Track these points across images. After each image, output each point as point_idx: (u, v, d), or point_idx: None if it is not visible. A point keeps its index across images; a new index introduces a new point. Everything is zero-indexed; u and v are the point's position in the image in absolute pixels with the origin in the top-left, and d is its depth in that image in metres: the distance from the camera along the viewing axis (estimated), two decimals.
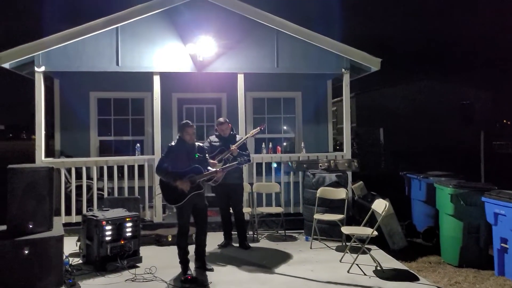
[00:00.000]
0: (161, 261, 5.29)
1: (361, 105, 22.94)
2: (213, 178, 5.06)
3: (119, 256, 5.15)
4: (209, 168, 5.09)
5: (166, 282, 4.72)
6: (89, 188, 7.11)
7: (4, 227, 4.58)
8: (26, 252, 4.32)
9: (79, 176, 7.02)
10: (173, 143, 5.10)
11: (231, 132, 6.11)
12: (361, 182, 7.49)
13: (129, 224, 5.35)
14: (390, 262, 5.46)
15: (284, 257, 5.73)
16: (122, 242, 5.24)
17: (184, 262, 4.96)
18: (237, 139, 6.06)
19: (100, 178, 7.23)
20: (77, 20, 6.83)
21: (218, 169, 5.01)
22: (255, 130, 6.08)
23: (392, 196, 7.49)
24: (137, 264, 5.28)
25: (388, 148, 14.11)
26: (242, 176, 6.32)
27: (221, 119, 6.17)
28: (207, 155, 5.60)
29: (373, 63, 7.36)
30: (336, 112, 15.08)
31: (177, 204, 4.89)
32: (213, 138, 6.14)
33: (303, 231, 6.87)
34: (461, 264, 5.72)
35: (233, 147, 5.88)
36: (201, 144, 5.23)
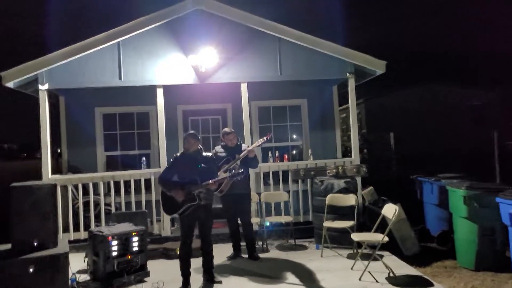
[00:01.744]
0: (169, 275, 5.21)
1: (371, 110, 22.75)
2: (210, 189, 4.96)
3: (126, 271, 5.08)
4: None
5: None
6: (97, 204, 7.08)
7: (9, 246, 4.55)
8: (32, 270, 4.27)
9: (86, 192, 7.00)
10: (177, 154, 5.13)
11: (237, 143, 6.04)
12: (371, 187, 7.36)
13: (135, 239, 5.28)
14: (403, 268, 5.31)
15: (294, 266, 5.61)
16: (129, 257, 5.17)
17: (184, 275, 4.91)
18: (243, 148, 5.98)
19: (108, 193, 7.20)
20: (78, 36, 6.85)
21: (210, 181, 4.89)
22: (261, 139, 5.97)
23: (404, 200, 7.35)
24: (145, 279, 5.22)
25: (399, 152, 13.92)
26: (249, 186, 6.23)
27: (226, 129, 6.11)
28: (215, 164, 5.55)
29: (377, 66, 7.26)
30: (346, 118, 14.96)
31: (173, 214, 4.98)
32: (218, 148, 6.07)
33: (313, 239, 6.74)
34: (478, 268, 5.55)
35: (251, 147, 5.80)
36: (209, 155, 5.19)
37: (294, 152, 9.01)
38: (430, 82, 21.68)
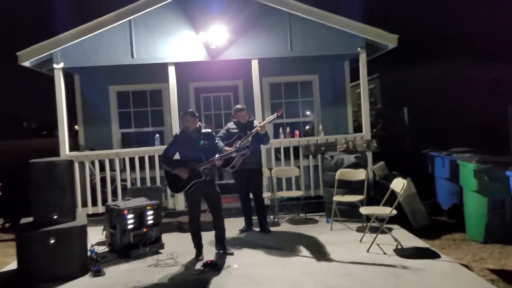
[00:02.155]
0: (183, 247, 5.39)
1: (386, 85, 22.43)
2: (215, 165, 5.05)
3: (142, 243, 5.29)
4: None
5: (186, 266, 4.83)
6: (113, 180, 7.29)
7: (31, 219, 4.78)
8: (52, 241, 4.51)
9: (103, 168, 7.21)
10: (177, 133, 5.19)
11: (249, 119, 6.08)
12: (382, 162, 7.39)
13: (150, 212, 5.47)
14: (411, 241, 5.40)
15: (305, 239, 5.75)
16: (144, 230, 5.38)
17: (197, 246, 5.10)
18: (255, 124, 6.03)
19: (123, 169, 7.40)
20: (92, 16, 6.94)
21: (216, 157, 4.97)
22: (272, 116, 5.92)
23: (416, 175, 7.37)
24: (160, 251, 5.42)
25: (414, 127, 13.81)
26: (261, 161, 6.31)
27: (239, 106, 6.14)
28: (222, 142, 5.66)
29: (389, 40, 7.19)
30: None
31: (181, 192, 5.04)
32: (231, 125, 6.10)
33: (324, 213, 6.86)
34: (487, 241, 5.60)
35: (262, 123, 5.75)
36: (208, 131, 5.23)
37: (307, 127, 9.05)
38: (447, 56, 21.17)
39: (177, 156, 5.13)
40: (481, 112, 16.42)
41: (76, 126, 9.10)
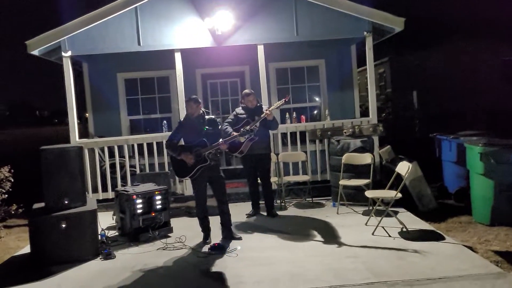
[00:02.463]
0: (191, 231, 5.51)
1: (396, 69, 22.19)
2: (220, 149, 5.12)
3: (151, 227, 5.42)
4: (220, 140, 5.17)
5: (193, 249, 4.94)
6: (122, 166, 7.41)
7: (43, 204, 4.91)
8: (63, 226, 4.64)
9: (112, 155, 7.32)
10: (181, 119, 5.28)
11: (257, 104, 6.09)
12: (388, 146, 7.39)
13: (158, 197, 5.58)
14: (417, 224, 5.44)
15: (311, 223, 5.83)
16: (153, 214, 5.50)
17: (204, 230, 5.21)
18: (264, 109, 6.04)
19: (132, 155, 7.52)
20: (98, 3, 6.98)
21: (220, 141, 5.05)
22: (279, 102, 5.94)
23: (424, 159, 7.38)
24: (169, 234, 5.55)
25: (424, 111, 13.72)
26: (270, 146, 6.35)
27: (247, 91, 6.15)
28: (231, 127, 5.70)
29: (396, 23, 7.12)
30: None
31: (186, 177, 5.09)
32: (239, 110, 6.11)
33: (330, 197, 6.92)
34: (493, 223, 5.61)
35: (268, 110, 5.75)
36: (212, 117, 5.30)
37: (315, 112, 9.06)
38: (458, 39, 20.86)
39: (181, 142, 5.21)
40: (493, 95, 16.23)
41: (86, 114, 9.23)
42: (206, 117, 5.19)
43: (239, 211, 6.37)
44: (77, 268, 4.56)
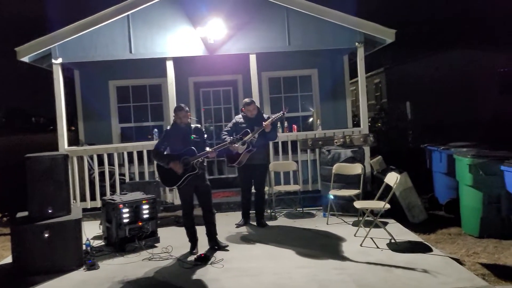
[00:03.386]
0: (178, 241, 5.44)
1: (392, 79, 22.28)
2: (208, 158, 5.10)
3: (137, 237, 5.34)
4: (206, 148, 5.14)
5: (179, 259, 4.88)
6: (112, 174, 7.35)
7: (26, 213, 4.85)
8: (47, 235, 4.58)
9: (102, 163, 7.27)
10: (169, 127, 5.21)
11: (258, 113, 5.99)
12: (379, 156, 7.38)
13: (146, 206, 5.52)
14: (406, 235, 5.40)
15: (300, 233, 5.79)
16: (140, 223, 5.42)
17: (192, 241, 5.14)
18: (265, 118, 5.93)
19: (122, 164, 7.46)
20: (90, 11, 6.99)
21: (210, 150, 5.01)
22: (278, 114, 5.87)
23: (416, 170, 7.37)
24: (155, 244, 5.48)
25: (417, 122, 13.72)
26: (268, 157, 6.31)
27: (247, 100, 6.06)
28: (229, 136, 5.67)
29: (387, 35, 7.15)
30: (367, 88, 14.74)
31: (173, 186, 5.04)
32: (239, 118, 6.03)
33: (321, 207, 6.87)
34: (482, 235, 5.59)
35: (266, 123, 5.71)
36: (198, 126, 5.27)
37: (310, 120, 9.05)
38: (455, 49, 20.99)
39: (167, 151, 5.16)
40: (488, 106, 16.27)
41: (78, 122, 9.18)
42: (193, 125, 5.16)
43: (230, 221, 6.31)
44: (59, 278, 4.48)
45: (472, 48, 20.74)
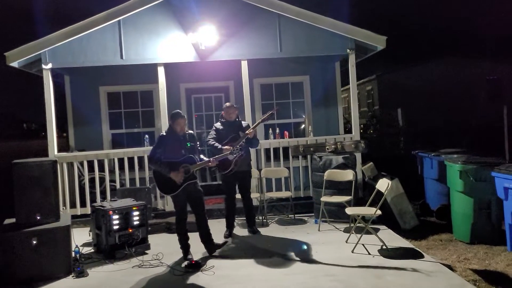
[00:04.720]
0: (169, 248, 5.39)
1: (383, 86, 22.43)
2: (207, 167, 5.11)
3: (127, 244, 5.28)
4: (202, 157, 5.12)
5: (170, 266, 4.82)
6: (102, 180, 7.28)
7: (13, 220, 4.77)
8: (34, 242, 4.51)
9: (93, 169, 7.20)
10: (164, 133, 5.14)
11: (237, 119, 5.98)
12: (371, 163, 7.39)
13: (136, 213, 5.46)
14: (397, 241, 5.39)
15: (291, 240, 5.75)
16: (130, 230, 5.36)
17: (184, 247, 5.07)
18: (244, 125, 5.97)
19: (113, 170, 7.40)
20: (81, 16, 6.95)
21: (211, 159, 5.03)
22: (268, 113, 5.83)
23: (407, 176, 7.39)
24: (146, 251, 5.41)
25: (408, 129, 13.80)
26: (250, 163, 6.27)
27: (227, 103, 6.06)
28: (216, 142, 5.66)
29: (378, 42, 7.19)
30: (359, 95, 14.84)
31: (172, 193, 4.94)
32: (218, 125, 5.99)
33: (313, 214, 6.85)
34: (473, 241, 5.61)
35: (250, 129, 5.71)
36: (191, 132, 5.24)
37: (302, 126, 9.05)
38: (446, 57, 21.21)
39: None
40: (478, 113, 16.41)
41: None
42: (187, 132, 5.13)
43: (222, 228, 6.20)
44: (47, 286, 4.40)
45: (461, 56, 20.98)
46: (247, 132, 5.71)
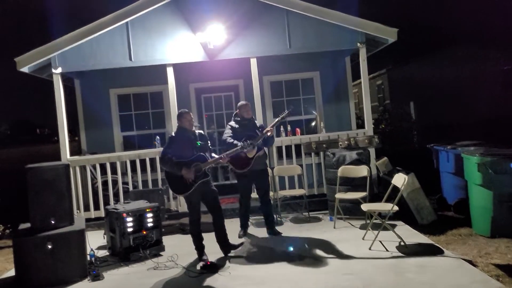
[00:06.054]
0: (184, 249, 5.34)
1: (395, 80, 22.17)
2: (218, 164, 5.04)
3: (142, 246, 5.26)
4: (213, 154, 5.07)
5: (185, 268, 4.78)
6: (115, 183, 7.28)
7: (28, 225, 4.77)
8: (49, 247, 4.50)
9: (104, 172, 7.20)
10: (173, 133, 5.13)
11: (252, 117, 5.88)
12: (385, 158, 7.28)
13: (149, 215, 5.44)
14: (415, 237, 5.29)
15: (307, 238, 5.67)
16: (144, 232, 5.35)
17: (199, 248, 5.02)
18: (258, 125, 5.88)
19: (125, 172, 7.39)
20: (89, 20, 6.94)
21: (222, 155, 4.98)
22: (286, 112, 5.71)
23: (423, 170, 7.25)
24: (160, 253, 5.39)
25: (422, 122, 13.62)
26: (266, 162, 6.18)
27: (243, 101, 5.98)
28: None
29: (389, 34, 7.07)
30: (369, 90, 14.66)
31: (185, 193, 4.88)
32: (233, 124, 5.86)
33: (328, 211, 6.77)
34: (494, 235, 5.46)
35: (269, 127, 5.61)
36: (201, 132, 5.21)
37: (313, 123, 8.95)
38: (457, 49, 20.83)
39: None
40: (493, 104, 16.12)
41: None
42: (196, 131, 5.09)
43: (236, 228, 6.14)
44: None
45: (475, 47, 20.58)
46: (266, 129, 5.60)
